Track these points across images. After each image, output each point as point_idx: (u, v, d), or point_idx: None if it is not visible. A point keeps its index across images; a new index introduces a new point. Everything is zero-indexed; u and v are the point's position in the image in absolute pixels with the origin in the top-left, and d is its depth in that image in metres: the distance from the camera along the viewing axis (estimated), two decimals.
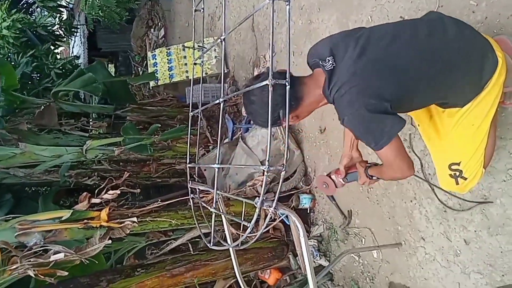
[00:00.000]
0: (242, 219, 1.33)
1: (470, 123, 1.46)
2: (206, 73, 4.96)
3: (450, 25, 1.37)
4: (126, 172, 2.82)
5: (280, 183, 1.15)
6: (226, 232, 1.64)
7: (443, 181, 1.67)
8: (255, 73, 4.12)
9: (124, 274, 2.63)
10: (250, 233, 1.29)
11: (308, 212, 3.35)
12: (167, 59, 5.17)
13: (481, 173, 1.55)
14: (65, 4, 9.59)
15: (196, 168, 1.88)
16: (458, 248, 2.08)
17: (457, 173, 1.56)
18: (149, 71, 5.14)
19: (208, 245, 1.49)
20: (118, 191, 2.37)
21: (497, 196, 1.85)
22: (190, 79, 4.74)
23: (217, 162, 1.43)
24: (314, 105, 1.48)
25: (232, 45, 4.91)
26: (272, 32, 1.07)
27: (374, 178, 1.64)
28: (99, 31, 10.17)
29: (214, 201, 1.45)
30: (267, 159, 1.07)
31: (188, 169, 1.78)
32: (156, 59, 5.22)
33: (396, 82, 1.31)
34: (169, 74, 5.08)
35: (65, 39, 9.04)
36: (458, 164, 1.53)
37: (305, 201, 3.21)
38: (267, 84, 1.02)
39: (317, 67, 1.44)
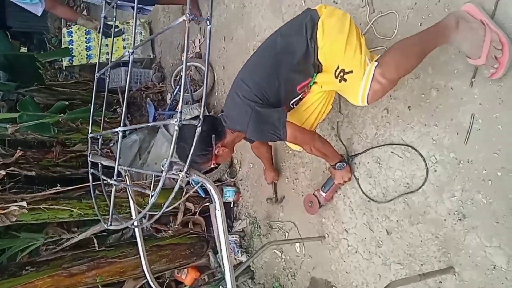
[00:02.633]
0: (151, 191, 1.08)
1: (329, 41, 1.58)
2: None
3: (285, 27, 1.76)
4: (19, 151, 2.36)
5: (195, 141, 0.93)
6: (132, 209, 1.37)
7: (347, 95, 1.72)
8: (183, 59, 3.85)
9: (7, 273, 2.19)
10: (165, 213, 1.06)
11: (232, 206, 3.17)
12: (85, 38, 4.66)
13: (364, 60, 1.54)
14: None
15: (100, 142, 1.58)
16: (380, 239, 2.04)
17: (341, 74, 1.59)
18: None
19: (105, 225, 1.22)
20: (3, 172, 1.94)
21: (419, 184, 1.83)
22: (112, 61, 4.30)
23: (121, 125, 1.18)
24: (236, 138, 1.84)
25: (159, 29, 4.59)
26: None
27: (337, 166, 2.05)
28: (9, 6, 8.99)
29: (115, 173, 1.20)
30: (179, 110, 0.88)
31: (89, 139, 1.49)
32: (72, 36, 4.69)
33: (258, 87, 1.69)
34: (86, 54, 4.58)
35: None
36: (338, 67, 1.60)
37: (229, 194, 3.02)
38: (184, 20, 0.92)
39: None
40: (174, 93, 3.41)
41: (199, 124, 0.91)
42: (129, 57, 1.20)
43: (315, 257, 2.47)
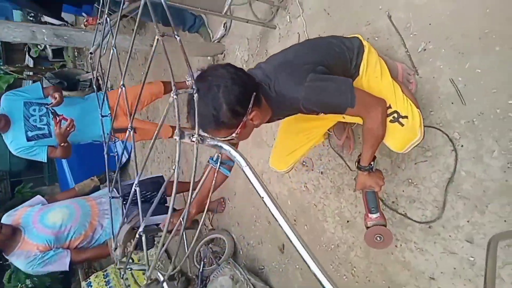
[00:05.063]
0: None
1: (374, 76, 1.58)
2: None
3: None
4: None
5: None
6: None
7: (392, 138, 1.54)
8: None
9: None
10: None
11: None
12: (105, 281, 4.63)
13: (417, 111, 1.51)
14: None
15: None
16: (468, 256, 1.69)
17: (396, 115, 1.51)
18: None
19: None
20: None
21: (458, 169, 1.72)
22: None
23: None
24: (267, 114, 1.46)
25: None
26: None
27: (372, 165, 1.57)
28: None
29: None
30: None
31: None
32: (91, 286, 4.65)
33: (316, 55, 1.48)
34: None
35: None
36: (390, 107, 1.51)
37: None
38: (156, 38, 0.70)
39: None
40: (201, 270, 3.24)
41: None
42: None
43: None
